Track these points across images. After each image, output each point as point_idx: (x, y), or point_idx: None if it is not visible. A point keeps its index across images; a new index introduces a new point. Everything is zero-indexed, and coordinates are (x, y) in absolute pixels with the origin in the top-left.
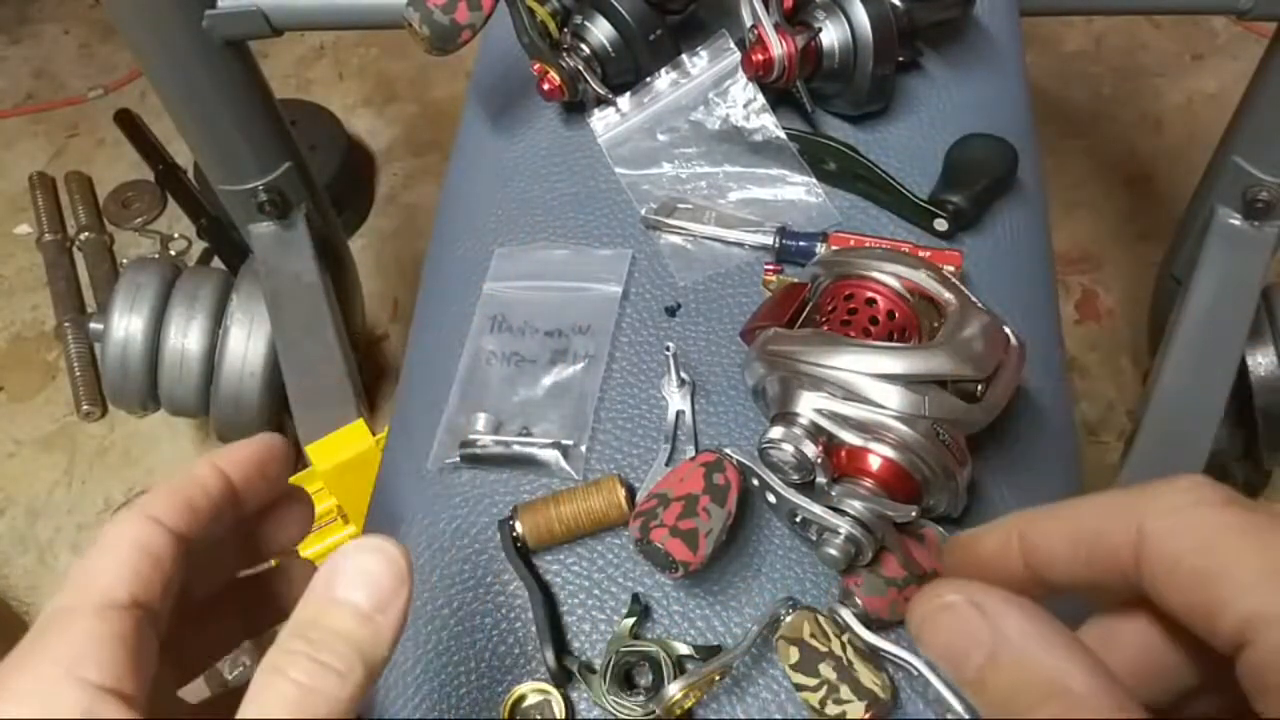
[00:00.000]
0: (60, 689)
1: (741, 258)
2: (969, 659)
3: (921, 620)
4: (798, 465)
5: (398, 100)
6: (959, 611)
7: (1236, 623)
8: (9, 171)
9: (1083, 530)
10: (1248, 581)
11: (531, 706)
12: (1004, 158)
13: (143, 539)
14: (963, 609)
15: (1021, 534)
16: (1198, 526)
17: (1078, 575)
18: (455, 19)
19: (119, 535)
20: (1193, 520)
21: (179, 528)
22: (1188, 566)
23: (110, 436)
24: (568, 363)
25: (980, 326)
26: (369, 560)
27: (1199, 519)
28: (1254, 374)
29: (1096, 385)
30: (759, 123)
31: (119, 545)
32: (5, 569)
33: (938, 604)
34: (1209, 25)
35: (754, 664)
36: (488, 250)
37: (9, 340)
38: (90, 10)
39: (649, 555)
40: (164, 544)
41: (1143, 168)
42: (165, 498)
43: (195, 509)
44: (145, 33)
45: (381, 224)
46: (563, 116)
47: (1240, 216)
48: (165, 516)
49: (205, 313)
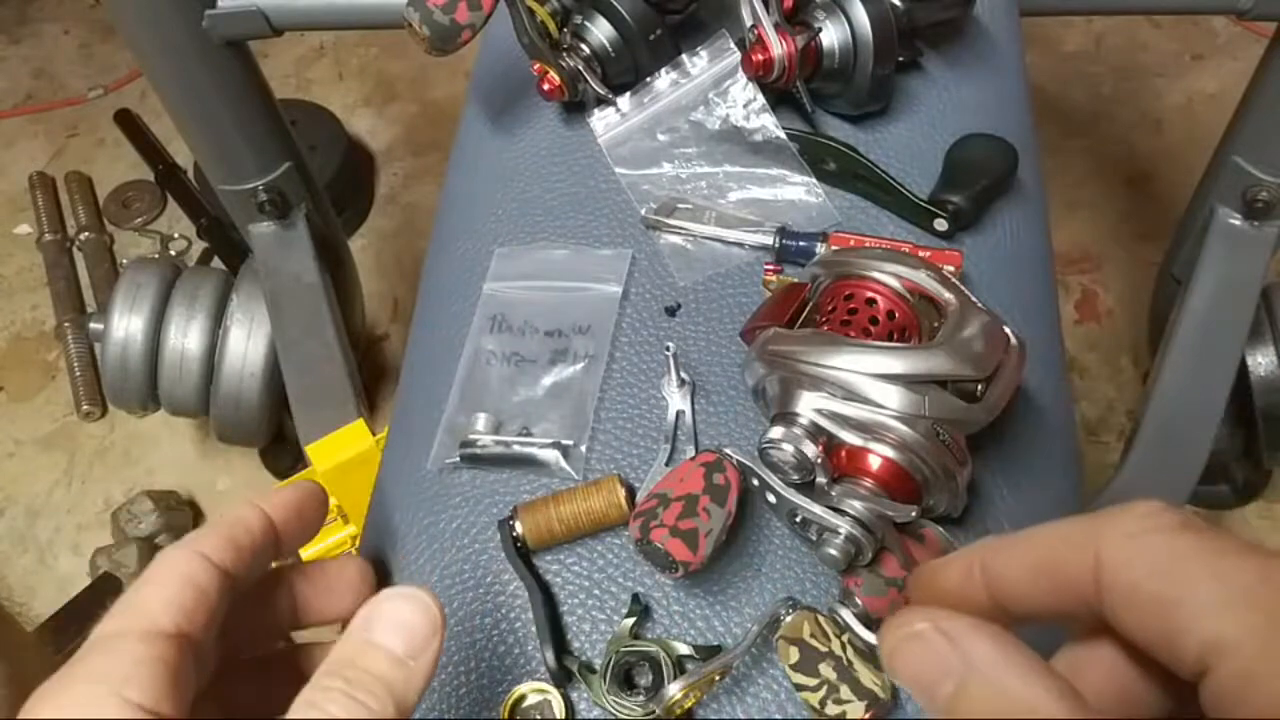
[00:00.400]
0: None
1: (741, 258)
2: (939, 688)
3: (891, 649)
4: (798, 465)
5: (398, 100)
6: (928, 640)
7: (1197, 649)
8: (9, 171)
9: (1042, 559)
10: (1206, 608)
11: (531, 706)
12: (1004, 158)
13: (190, 572)
14: (931, 637)
15: (983, 564)
16: (1154, 553)
17: (1040, 605)
18: (455, 19)
19: (168, 567)
20: (1149, 547)
21: (225, 564)
22: (1146, 594)
23: (110, 436)
24: (568, 363)
25: (980, 326)
26: (405, 608)
27: (1155, 545)
28: (1254, 374)
29: (1096, 385)
30: (759, 123)
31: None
32: (5, 569)
33: (906, 633)
34: (1209, 25)
35: (754, 664)
36: (488, 250)
37: (9, 340)
38: (90, 10)
39: (649, 555)
40: (210, 579)
41: (1143, 168)
42: (213, 535)
43: (240, 547)
44: (145, 33)
45: (381, 224)
46: (563, 116)
47: (1240, 216)
48: (213, 553)
49: (205, 313)
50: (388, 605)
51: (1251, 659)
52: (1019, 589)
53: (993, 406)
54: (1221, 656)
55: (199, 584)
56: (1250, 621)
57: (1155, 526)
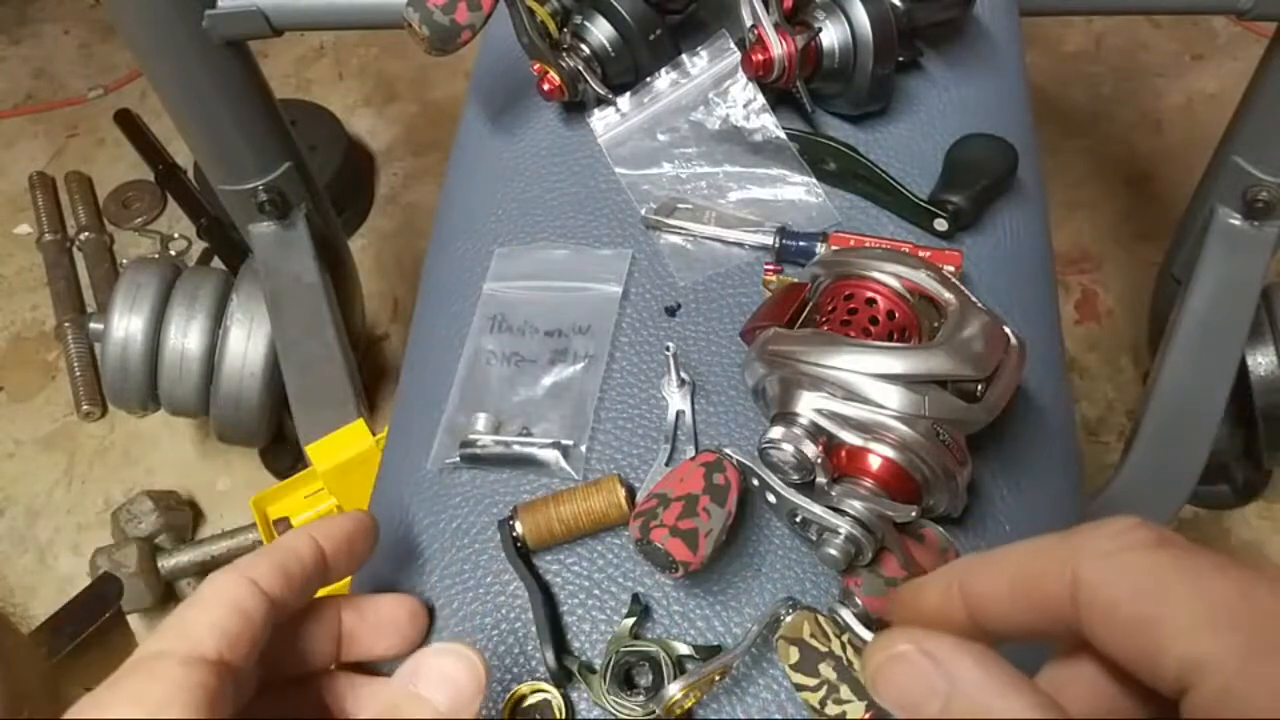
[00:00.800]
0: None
1: (741, 258)
2: (924, 708)
3: (875, 671)
4: (798, 465)
5: (398, 100)
6: (911, 661)
7: (1176, 668)
8: (9, 171)
9: (1019, 579)
10: (1185, 626)
11: (531, 706)
12: (1004, 158)
13: (238, 598)
14: (915, 659)
15: (961, 584)
16: (1131, 571)
17: (1019, 624)
18: (455, 19)
19: (216, 591)
20: (1126, 565)
21: (273, 591)
22: (1124, 614)
23: (110, 436)
24: (568, 363)
25: (980, 326)
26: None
27: (1132, 564)
28: (1254, 374)
29: (1096, 385)
30: (759, 123)
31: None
32: (5, 569)
33: (889, 654)
34: (1209, 25)
35: (754, 664)
36: (488, 250)
37: (9, 340)
38: (90, 10)
39: (649, 555)
40: (257, 605)
41: (1143, 168)
42: (264, 562)
43: (290, 576)
44: (145, 33)
45: (381, 224)
46: (563, 116)
47: (1240, 216)
48: (262, 579)
49: (205, 313)
50: (435, 660)
51: (1231, 677)
52: (997, 609)
53: (993, 406)
54: (1201, 675)
55: (245, 610)
56: (1229, 640)
57: (1132, 544)
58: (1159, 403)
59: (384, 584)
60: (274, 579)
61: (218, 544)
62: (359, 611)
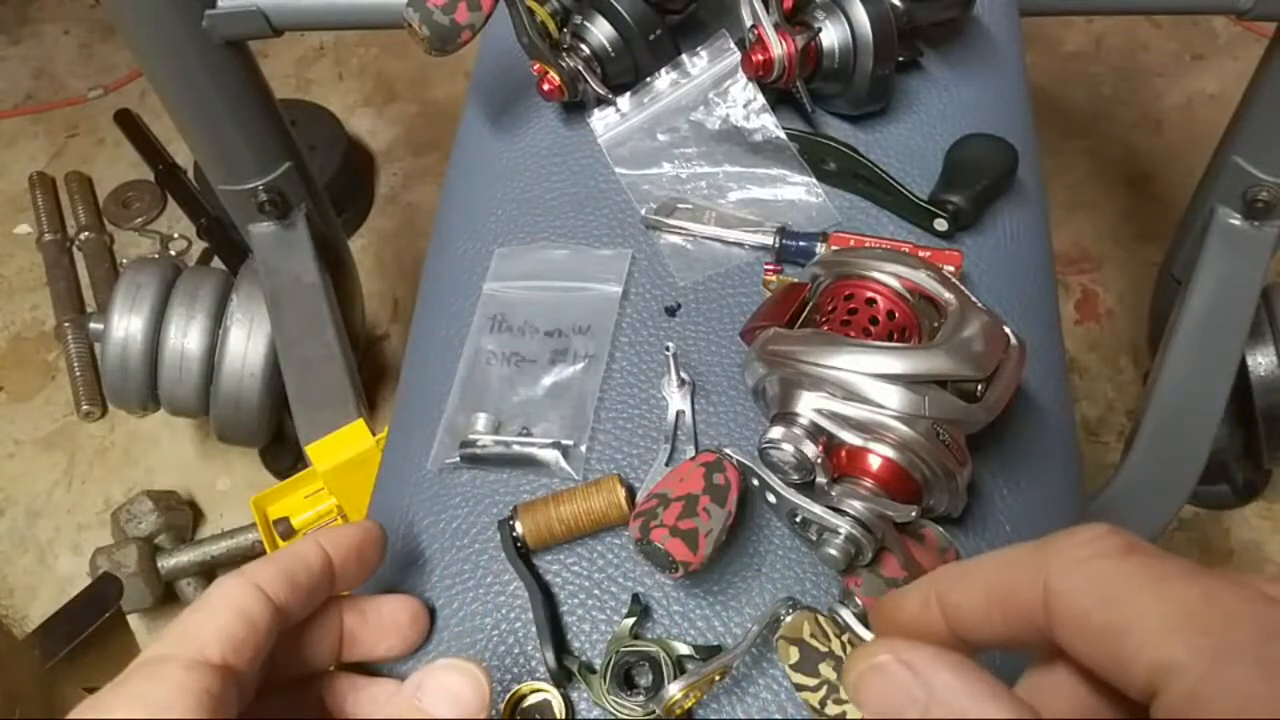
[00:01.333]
0: None
1: (741, 258)
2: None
3: (856, 682)
4: (798, 465)
5: (398, 100)
6: (890, 671)
7: (1145, 673)
8: (9, 171)
9: (993, 589)
10: (1153, 631)
11: (531, 706)
12: (1004, 158)
13: (244, 604)
14: (894, 669)
15: (939, 596)
16: (1100, 579)
17: (995, 633)
18: (455, 19)
19: (223, 596)
20: (1095, 573)
21: (279, 598)
22: (1095, 621)
23: (110, 436)
24: (568, 363)
25: (980, 326)
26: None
27: (1101, 571)
28: (1254, 374)
29: (1096, 385)
30: (759, 123)
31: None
32: (5, 569)
33: (869, 665)
34: (1209, 25)
35: (754, 664)
36: (488, 250)
37: (9, 340)
38: (90, 10)
39: (649, 555)
40: (262, 612)
41: (1143, 168)
42: (271, 568)
43: (296, 585)
44: (145, 33)
45: (381, 224)
46: (563, 116)
47: (1240, 216)
48: (268, 586)
49: (205, 313)
50: (441, 675)
51: (1198, 681)
52: (974, 619)
53: (993, 406)
54: (1169, 679)
55: (251, 617)
56: (1195, 644)
57: (1101, 551)
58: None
59: (384, 584)
60: (281, 586)
61: (218, 544)
62: (360, 612)
